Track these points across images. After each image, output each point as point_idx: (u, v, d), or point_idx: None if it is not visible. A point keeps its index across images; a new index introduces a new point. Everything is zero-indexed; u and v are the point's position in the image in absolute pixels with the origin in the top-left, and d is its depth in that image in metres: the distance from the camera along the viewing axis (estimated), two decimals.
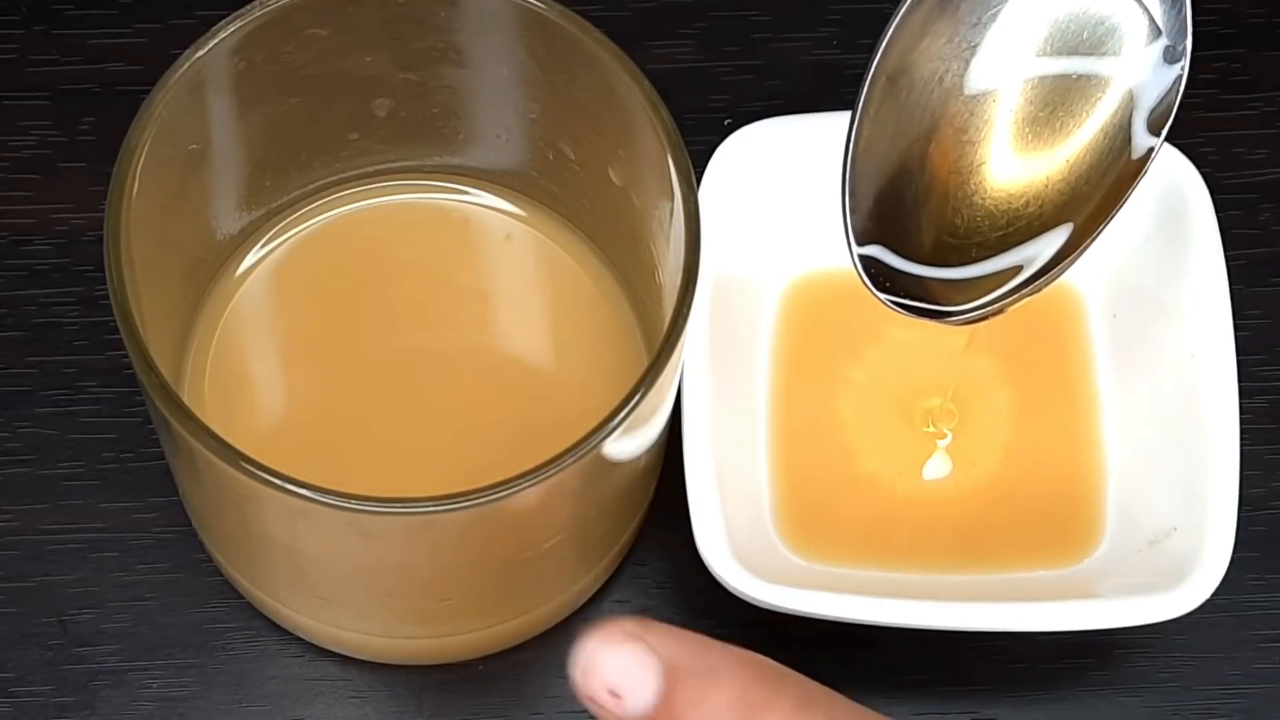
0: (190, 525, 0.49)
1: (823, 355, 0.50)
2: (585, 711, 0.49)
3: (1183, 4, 0.42)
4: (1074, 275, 0.51)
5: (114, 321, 0.41)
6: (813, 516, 0.49)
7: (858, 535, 0.49)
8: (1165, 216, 0.49)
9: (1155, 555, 0.47)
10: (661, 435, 0.45)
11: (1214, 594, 0.45)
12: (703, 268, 0.46)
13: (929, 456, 0.49)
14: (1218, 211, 0.49)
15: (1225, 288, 0.48)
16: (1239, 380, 0.47)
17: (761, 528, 0.48)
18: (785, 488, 0.49)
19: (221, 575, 0.49)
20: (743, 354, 0.50)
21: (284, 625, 0.48)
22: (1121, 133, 0.43)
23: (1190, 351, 0.48)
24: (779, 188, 0.50)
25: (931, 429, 0.50)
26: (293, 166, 0.49)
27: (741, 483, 0.48)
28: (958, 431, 0.50)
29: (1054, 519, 0.49)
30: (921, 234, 0.44)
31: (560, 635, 0.49)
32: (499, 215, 0.50)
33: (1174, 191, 0.49)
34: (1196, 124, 0.49)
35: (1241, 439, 0.47)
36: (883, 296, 0.44)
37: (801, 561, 0.48)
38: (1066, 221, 0.43)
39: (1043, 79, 0.43)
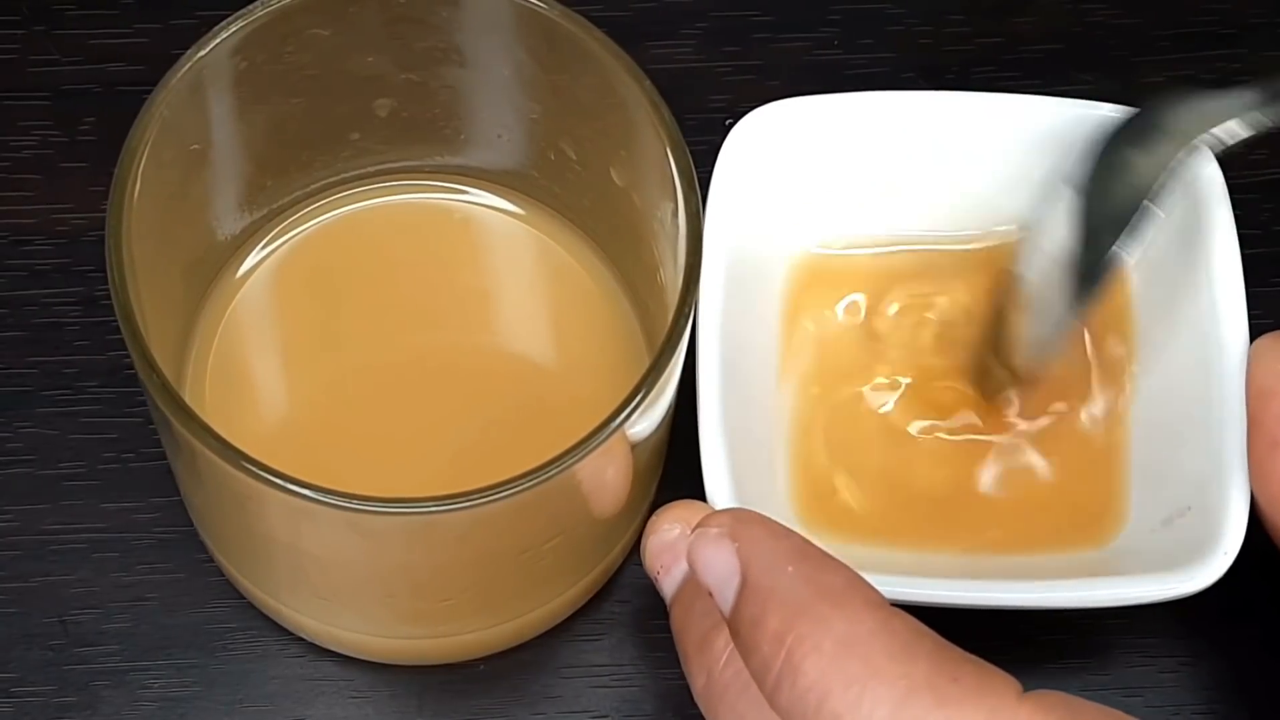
0: (191, 525, 0.49)
1: (837, 339, 0.50)
2: (586, 712, 0.49)
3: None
4: None
5: (115, 321, 0.41)
6: (829, 502, 0.49)
7: (874, 520, 0.49)
8: (1180, 195, 0.49)
9: (1169, 534, 0.46)
10: (664, 434, 0.45)
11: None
12: (716, 252, 0.47)
13: (947, 441, 0.49)
14: None
15: (1239, 269, 0.48)
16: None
17: (776, 513, 0.48)
18: (801, 474, 0.49)
19: (222, 575, 0.49)
20: (757, 342, 0.49)
21: (285, 625, 0.48)
22: None
23: (1204, 331, 0.48)
24: (795, 168, 0.50)
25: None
26: (294, 167, 0.49)
27: (756, 472, 0.47)
28: (982, 415, 0.50)
29: (1077, 502, 0.49)
30: None
31: (562, 635, 0.49)
32: (500, 215, 0.50)
33: (1189, 173, 0.49)
34: None
35: None
36: None
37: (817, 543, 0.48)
38: None
39: None
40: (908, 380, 0.50)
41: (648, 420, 0.43)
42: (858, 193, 0.51)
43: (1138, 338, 0.50)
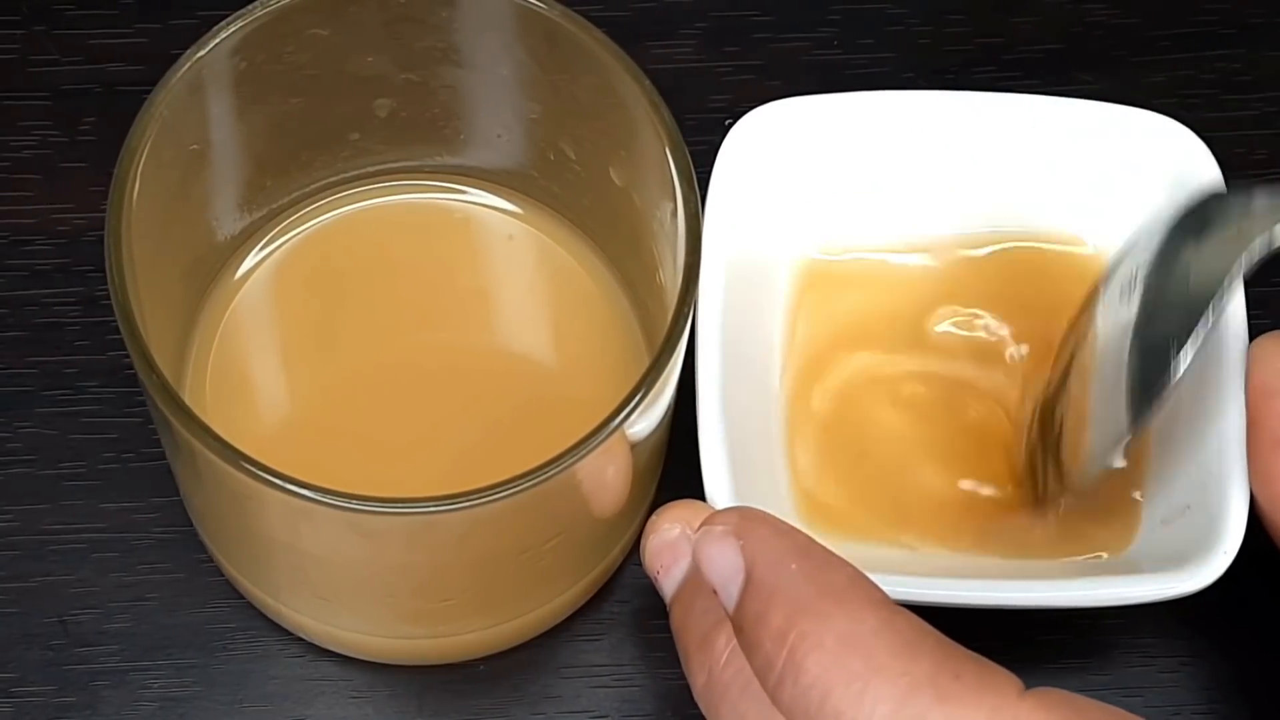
0: (191, 525, 0.49)
1: (836, 339, 0.50)
2: (586, 712, 0.49)
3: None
4: (1084, 257, 0.51)
5: (115, 321, 0.41)
6: (829, 502, 0.49)
7: (874, 520, 0.49)
8: (1177, 194, 0.49)
9: (1169, 534, 0.46)
10: (663, 434, 0.45)
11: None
12: (716, 251, 0.47)
13: (947, 442, 0.49)
14: None
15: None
16: None
17: (776, 512, 0.48)
18: (800, 473, 0.49)
19: (222, 575, 0.49)
20: (757, 342, 0.49)
21: (285, 625, 0.48)
22: None
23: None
24: (795, 168, 0.50)
25: None
26: (294, 167, 0.49)
27: (756, 472, 0.47)
28: (980, 418, 0.50)
29: (1085, 507, 0.49)
30: None
31: (562, 635, 0.49)
32: (500, 215, 0.50)
33: (1185, 170, 0.49)
34: (1196, 124, 0.49)
35: None
36: None
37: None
38: None
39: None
40: (908, 381, 0.50)
41: (647, 420, 0.43)
42: (857, 193, 0.51)
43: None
